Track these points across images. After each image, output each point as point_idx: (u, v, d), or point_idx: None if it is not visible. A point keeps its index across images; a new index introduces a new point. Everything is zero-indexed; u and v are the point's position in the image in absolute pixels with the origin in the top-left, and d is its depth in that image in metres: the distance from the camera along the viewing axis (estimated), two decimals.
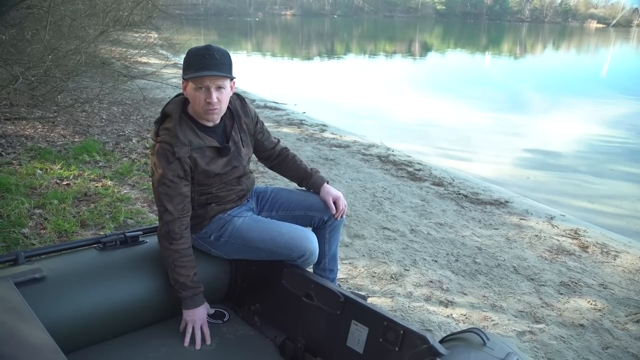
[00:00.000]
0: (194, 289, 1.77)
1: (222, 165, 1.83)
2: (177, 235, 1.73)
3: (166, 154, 1.70)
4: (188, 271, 1.75)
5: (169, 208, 1.73)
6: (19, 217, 3.07)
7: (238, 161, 1.88)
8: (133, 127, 5.98)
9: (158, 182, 1.73)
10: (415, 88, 13.27)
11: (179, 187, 1.73)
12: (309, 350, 1.85)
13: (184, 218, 1.76)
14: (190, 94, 1.73)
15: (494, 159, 6.40)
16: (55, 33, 5.53)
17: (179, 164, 1.71)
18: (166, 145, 1.71)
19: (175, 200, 1.73)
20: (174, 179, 1.72)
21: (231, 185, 1.90)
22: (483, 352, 1.44)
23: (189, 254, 1.77)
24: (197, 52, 1.70)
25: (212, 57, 1.69)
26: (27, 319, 1.27)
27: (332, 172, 4.85)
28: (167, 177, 1.71)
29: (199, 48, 1.72)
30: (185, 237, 1.76)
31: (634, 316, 2.67)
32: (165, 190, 1.72)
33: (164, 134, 1.74)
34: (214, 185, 1.85)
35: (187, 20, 13.16)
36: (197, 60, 1.69)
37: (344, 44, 31.39)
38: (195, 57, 1.70)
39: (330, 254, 2.13)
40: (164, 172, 1.71)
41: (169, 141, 1.71)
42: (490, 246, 3.43)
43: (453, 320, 2.51)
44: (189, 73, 1.69)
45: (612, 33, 52.15)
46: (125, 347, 1.71)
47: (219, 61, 1.69)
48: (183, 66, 1.74)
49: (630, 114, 10.13)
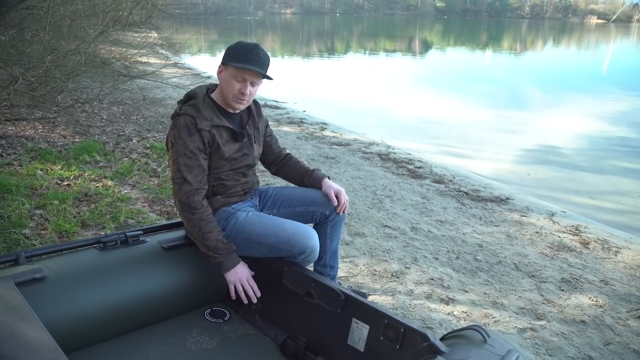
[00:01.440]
0: (226, 248, 1.83)
1: (235, 149, 1.90)
2: (197, 204, 1.80)
3: (188, 125, 1.78)
4: (216, 235, 1.82)
5: (189, 178, 1.78)
6: (20, 218, 3.08)
7: (249, 150, 1.95)
8: (133, 127, 5.98)
9: (178, 153, 1.78)
10: (416, 86, 13.25)
11: (198, 159, 1.80)
12: (309, 349, 1.85)
13: (202, 189, 1.83)
14: (226, 79, 1.83)
15: (495, 155, 6.40)
16: (55, 33, 5.52)
17: (199, 137, 1.78)
18: (189, 118, 1.78)
19: (195, 172, 1.80)
20: (195, 150, 1.79)
21: (239, 175, 1.95)
22: (484, 349, 1.44)
23: (212, 219, 1.83)
24: (247, 46, 1.82)
25: (258, 55, 1.81)
26: (28, 319, 1.27)
27: (333, 171, 4.85)
28: (188, 148, 1.78)
29: (248, 43, 1.84)
30: (205, 205, 1.82)
31: (635, 312, 2.67)
32: (185, 161, 1.78)
33: (187, 108, 1.82)
34: (224, 170, 1.90)
35: (187, 20, 13.17)
36: (245, 53, 1.80)
37: (344, 42, 31.36)
38: (244, 49, 1.81)
39: (331, 250, 2.14)
40: (186, 143, 1.78)
41: (192, 114, 1.79)
42: (491, 243, 3.42)
43: (454, 318, 2.50)
44: (235, 61, 1.79)
45: (612, 29, 52.01)
46: (126, 346, 1.71)
47: (262, 61, 1.82)
48: (227, 53, 1.84)
49: (631, 110, 10.11)
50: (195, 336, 1.81)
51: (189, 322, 1.89)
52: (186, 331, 1.83)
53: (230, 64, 1.80)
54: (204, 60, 15.15)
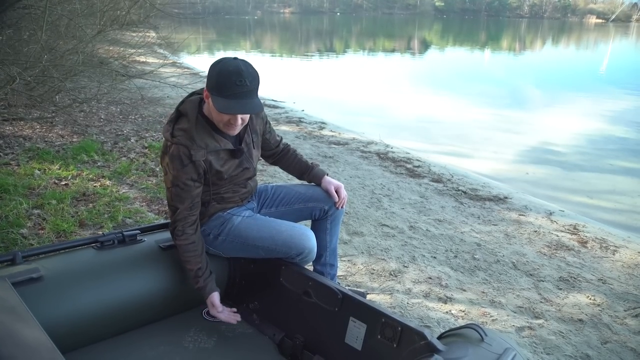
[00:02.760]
0: (196, 282, 1.82)
1: (234, 167, 1.84)
2: (179, 232, 1.78)
3: (181, 156, 1.70)
4: (192, 265, 1.80)
5: (179, 208, 1.77)
6: (18, 218, 3.07)
7: (249, 163, 1.90)
8: (131, 126, 5.97)
9: (171, 183, 1.75)
10: (415, 85, 13.25)
11: (191, 189, 1.75)
12: (307, 348, 1.85)
13: (191, 217, 1.80)
14: (213, 108, 1.67)
15: (493, 155, 6.40)
16: (53, 33, 5.52)
17: (193, 167, 1.72)
18: (182, 148, 1.69)
19: (186, 202, 1.77)
20: (188, 182, 1.73)
21: (238, 186, 1.92)
22: (481, 347, 1.44)
23: (194, 249, 1.80)
24: (228, 76, 1.60)
25: (243, 84, 1.61)
26: (25, 318, 1.27)
27: (331, 170, 4.85)
28: (180, 179, 1.73)
29: (230, 71, 1.61)
30: (189, 233, 1.79)
31: (632, 311, 2.68)
32: (177, 191, 1.75)
33: (180, 134, 1.71)
34: (223, 186, 1.86)
35: (185, 19, 13.15)
36: (227, 85, 1.60)
37: (342, 42, 31.36)
38: (226, 80, 1.60)
39: (331, 247, 2.14)
40: (178, 174, 1.72)
41: (185, 144, 1.69)
42: (489, 242, 3.43)
43: (452, 317, 2.51)
44: (219, 95, 1.62)
45: (611, 28, 52.06)
46: (124, 346, 1.71)
47: (249, 88, 1.62)
48: (210, 79, 1.65)
49: (630, 110, 10.11)
50: (192, 335, 1.81)
51: (187, 321, 1.89)
52: (184, 330, 1.83)
53: (214, 97, 1.63)
54: (203, 59, 15.14)
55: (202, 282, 1.81)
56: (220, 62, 1.66)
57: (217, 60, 1.68)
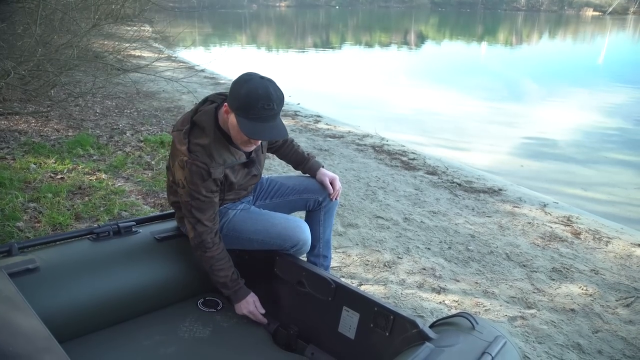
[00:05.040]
0: (234, 285, 1.84)
1: (244, 175, 1.85)
2: (209, 243, 1.77)
3: (202, 173, 1.68)
4: (226, 272, 1.82)
5: (202, 220, 1.75)
6: (14, 211, 3.08)
7: (257, 170, 1.91)
8: (127, 120, 5.97)
9: (190, 196, 1.72)
10: (411, 78, 13.25)
11: (211, 200, 1.75)
12: (301, 337, 1.88)
13: (215, 226, 1.79)
14: (233, 126, 1.65)
15: (489, 148, 6.42)
16: (47, 27, 5.50)
17: (212, 182, 1.72)
18: (202, 164, 1.67)
19: (208, 213, 1.76)
20: (208, 194, 1.73)
21: (242, 190, 1.93)
22: (472, 335, 1.46)
23: (224, 256, 1.82)
24: (257, 99, 1.57)
25: (272, 108, 1.59)
26: (21, 308, 1.28)
27: (326, 162, 4.86)
28: (201, 193, 1.71)
29: (259, 94, 1.57)
30: (217, 242, 1.79)
31: (624, 300, 2.71)
32: (198, 204, 1.73)
33: (198, 151, 1.68)
34: (231, 192, 1.87)
35: (181, 13, 13.08)
36: (255, 109, 1.57)
37: (339, 35, 31.26)
38: (254, 103, 1.57)
39: (324, 238, 2.16)
40: (198, 188, 1.70)
41: (204, 161, 1.68)
42: (483, 234, 3.45)
43: (445, 307, 2.53)
44: (244, 117, 1.59)
45: (608, 21, 51.98)
46: (119, 336, 1.73)
47: (276, 112, 1.61)
48: (235, 98, 1.60)
49: (627, 102, 10.14)
50: (188, 325, 1.83)
51: (182, 312, 1.90)
52: (179, 320, 1.84)
53: (239, 118, 1.60)
54: (198, 53, 15.08)
55: (239, 284, 1.85)
56: (249, 82, 1.60)
57: (244, 78, 1.63)
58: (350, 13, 59.87)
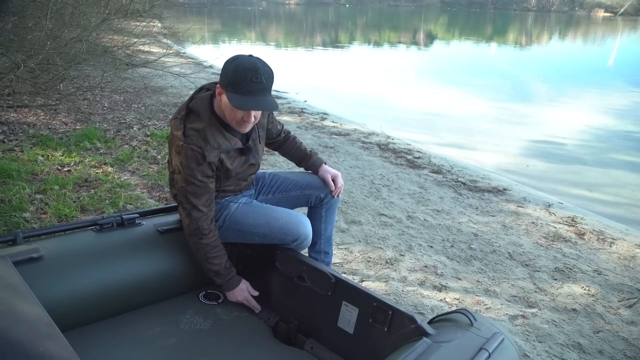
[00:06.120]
0: (227, 274, 1.87)
1: (241, 163, 1.86)
2: (206, 230, 1.79)
3: (197, 157, 1.70)
4: (221, 259, 1.84)
5: (198, 205, 1.77)
6: (20, 202, 3.12)
7: (255, 158, 1.92)
8: (134, 115, 6.01)
9: (185, 181, 1.74)
10: (419, 77, 13.22)
11: (207, 185, 1.76)
12: (301, 331, 1.89)
13: (210, 213, 1.80)
14: (226, 105, 1.68)
15: (495, 147, 6.40)
16: (57, 21, 5.53)
17: (208, 166, 1.73)
18: (196, 148, 1.70)
19: (204, 198, 1.77)
20: (203, 179, 1.74)
21: (241, 180, 1.94)
22: (470, 332, 1.47)
23: (219, 244, 1.84)
24: (244, 73, 1.60)
25: (260, 81, 1.61)
26: (24, 296, 1.30)
27: (332, 160, 4.87)
28: (196, 177, 1.73)
29: (247, 68, 1.61)
30: (213, 230, 1.81)
31: (626, 301, 2.70)
32: (193, 189, 1.75)
33: (193, 134, 1.71)
34: (229, 182, 1.88)
35: (190, 9, 13.12)
36: (244, 82, 1.60)
37: (347, 33, 31.22)
38: (242, 76, 1.60)
39: (325, 235, 2.17)
40: (193, 172, 1.72)
41: (199, 144, 1.70)
42: (486, 232, 3.45)
43: (446, 304, 2.54)
44: (234, 92, 1.62)
45: (619, 22, 51.52)
46: (121, 326, 1.75)
47: (265, 85, 1.63)
48: (225, 76, 1.64)
49: (636, 105, 10.04)
50: (189, 317, 1.85)
51: (184, 304, 1.92)
52: (180, 312, 1.87)
53: (229, 94, 1.63)
54: (207, 50, 15.13)
55: (232, 273, 1.88)
56: (236, 59, 1.65)
57: (232, 57, 1.67)
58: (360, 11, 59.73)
